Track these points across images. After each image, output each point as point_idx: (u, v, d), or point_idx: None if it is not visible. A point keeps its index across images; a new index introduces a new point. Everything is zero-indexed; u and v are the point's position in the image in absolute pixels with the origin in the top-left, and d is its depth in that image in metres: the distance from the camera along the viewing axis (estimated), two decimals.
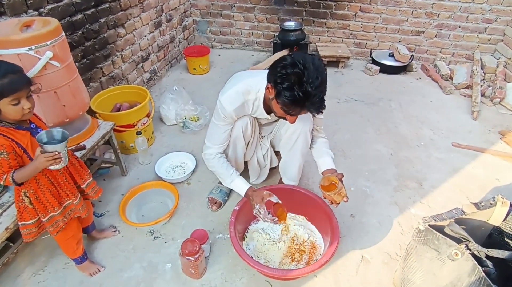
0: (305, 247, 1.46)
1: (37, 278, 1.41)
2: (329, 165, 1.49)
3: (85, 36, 2.00)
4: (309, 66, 1.10)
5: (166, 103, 2.36)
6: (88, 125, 1.66)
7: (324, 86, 1.15)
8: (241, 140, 1.53)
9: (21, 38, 1.25)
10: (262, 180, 1.84)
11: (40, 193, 1.13)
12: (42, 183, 1.13)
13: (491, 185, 1.91)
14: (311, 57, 1.15)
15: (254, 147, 1.67)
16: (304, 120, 1.44)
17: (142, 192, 1.73)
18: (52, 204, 1.16)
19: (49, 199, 1.15)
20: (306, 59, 1.12)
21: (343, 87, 2.90)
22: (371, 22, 3.17)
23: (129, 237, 1.59)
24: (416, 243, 1.17)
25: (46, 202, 1.15)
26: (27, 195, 1.12)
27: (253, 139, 1.61)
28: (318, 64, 1.13)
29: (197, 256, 1.31)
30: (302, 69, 1.10)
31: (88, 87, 2.09)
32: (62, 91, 1.43)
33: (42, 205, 1.14)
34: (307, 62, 1.11)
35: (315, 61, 1.13)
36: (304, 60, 1.12)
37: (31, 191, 1.12)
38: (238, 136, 1.50)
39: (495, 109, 2.61)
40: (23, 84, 1.01)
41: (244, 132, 1.50)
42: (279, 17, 3.30)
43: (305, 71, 1.10)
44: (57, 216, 1.18)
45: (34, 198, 1.13)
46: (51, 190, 1.15)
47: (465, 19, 2.96)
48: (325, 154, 1.53)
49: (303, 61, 1.11)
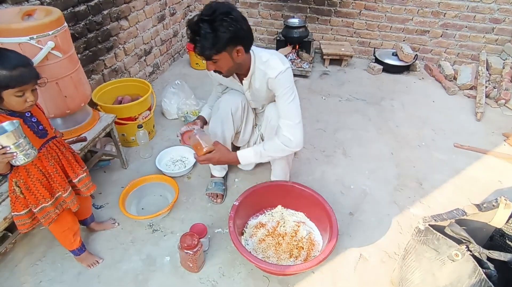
0: (304, 243, 1.46)
1: (35, 268, 1.41)
2: (241, 151, 1.46)
3: (87, 28, 1.99)
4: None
5: (168, 97, 2.35)
6: (89, 117, 1.66)
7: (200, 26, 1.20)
8: (230, 121, 1.56)
9: (23, 27, 1.24)
10: (249, 168, 1.84)
11: (31, 183, 1.12)
12: (32, 173, 1.11)
13: (493, 187, 1.89)
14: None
15: (248, 137, 1.70)
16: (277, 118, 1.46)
17: (142, 185, 1.73)
18: (43, 195, 1.14)
19: (40, 190, 1.13)
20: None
21: (346, 86, 2.89)
22: (375, 21, 3.14)
23: (128, 230, 1.59)
24: (416, 243, 1.17)
25: (37, 193, 1.13)
26: (18, 185, 1.11)
27: (246, 125, 1.64)
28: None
29: (196, 250, 1.31)
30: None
31: (90, 79, 2.09)
32: (64, 82, 1.43)
33: (33, 195, 1.13)
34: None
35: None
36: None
37: (21, 181, 1.11)
38: (227, 116, 1.55)
39: (500, 111, 2.59)
40: (31, 78, 1.01)
41: (233, 114, 1.55)
42: (283, 13, 3.28)
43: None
44: (48, 207, 1.17)
45: (24, 188, 1.12)
46: (42, 181, 1.14)
47: (472, 18, 2.93)
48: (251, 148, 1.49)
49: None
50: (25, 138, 0.99)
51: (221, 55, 1.26)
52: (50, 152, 1.16)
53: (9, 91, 0.97)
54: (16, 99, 1.00)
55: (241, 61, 1.33)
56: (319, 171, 1.97)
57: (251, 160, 1.46)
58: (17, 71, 0.97)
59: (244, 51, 1.30)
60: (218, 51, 1.24)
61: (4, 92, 0.97)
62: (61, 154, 1.20)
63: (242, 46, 1.28)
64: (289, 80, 1.38)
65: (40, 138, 1.12)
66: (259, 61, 1.40)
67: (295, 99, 1.40)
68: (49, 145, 1.16)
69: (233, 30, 1.21)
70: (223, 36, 1.20)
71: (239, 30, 1.23)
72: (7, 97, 0.99)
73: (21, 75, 0.98)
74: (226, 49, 1.25)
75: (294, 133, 1.40)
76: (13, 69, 0.96)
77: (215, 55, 1.25)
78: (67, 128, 1.56)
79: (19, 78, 0.98)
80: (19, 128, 0.97)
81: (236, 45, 1.26)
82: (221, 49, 1.24)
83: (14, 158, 0.99)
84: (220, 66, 1.31)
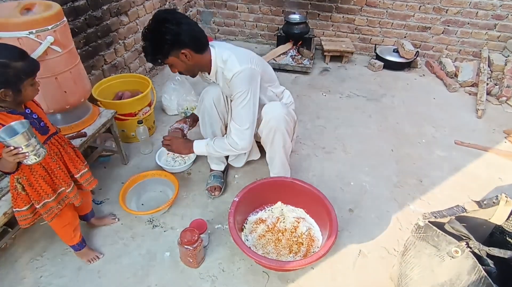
0: (303, 239, 1.46)
1: (35, 263, 1.41)
2: (197, 142, 1.54)
3: (87, 23, 1.98)
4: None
5: (168, 93, 2.35)
6: (89, 112, 1.65)
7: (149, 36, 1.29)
8: (215, 113, 1.59)
9: (22, 21, 1.23)
10: (239, 165, 1.82)
11: (33, 179, 1.12)
12: (35, 169, 1.11)
13: (494, 184, 1.89)
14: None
15: None
16: (278, 118, 1.46)
17: (142, 181, 1.72)
18: (46, 191, 1.14)
19: (43, 186, 1.14)
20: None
21: (346, 82, 2.88)
22: (376, 17, 3.12)
23: (128, 225, 1.59)
24: (415, 239, 1.17)
25: (40, 189, 1.13)
26: (19, 182, 1.11)
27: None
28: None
29: (196, 245, 1.31)
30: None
31: (90, 74, 2.08)
32: (63, 77, 1.42)
33: (36, 191, 1.13)
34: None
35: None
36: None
37: (24, 177, 1.11)
38: (211, 108, 1.57)
39: (501, 108, 2.58)
40: (39, 64, 1.05)
41: (216, 104, 1.57)
42: (284, 9, 3.26)
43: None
44: (51, 203, 1.17)
45: (27, 185, 1.11)
46: (45, 177, 1.14)
47: (474, 15, 2.91)
48: (207, 140, 1.55)
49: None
50: (35, 138, 1.00)
51: (168, 60, 1.33)
52: (52, 148, 1.16)
53: (28, 80, 1.01)
54: (31, 88, 1.04)
55: (195, 62, 1.36)
56: (319, 168, 1.97)
57: (203, 150, 1.53)
58: (28, 60, 1.01)
59: (194, 52, 1.33)
60: (164, 58, 1.31)
61: (24, 83, 1.00)
62: (63, 149, 1.20)
63: (188, 48, 1.30)
64: (244, 83, 1.35)
65: (42, 134, 1.12)
66: (219, 59, 1.40)
67: (248, 103, 1.38)
68: (51, 141, 1.16)
69: (171, 38, 1.25)
70: (161, 44, 1.27)
71: (178, 35, 1.26)
72: (25, 88, 1.01)
73: (33, 63, 1.03)
74: (171, 54, 1.30)
75: (242, 137, 1.43)
76: (25, 58, 1.00)
77: (162, 60, 1.32)
78: (67, 123, 1.55)
79: (33, 66, 1.03)
80: (30, 128, 0.98)
81: (179, 49, 1.30)
82: (165, 55, 1.31)
83: (26, 158, 1.00)
84: (177, 68, 1.37)
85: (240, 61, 1.35)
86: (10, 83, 0.97)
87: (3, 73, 0.95)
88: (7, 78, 0.95)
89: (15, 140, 0.94)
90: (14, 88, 0.98)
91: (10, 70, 0.96)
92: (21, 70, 0.98)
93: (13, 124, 0.97)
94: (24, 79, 0.99)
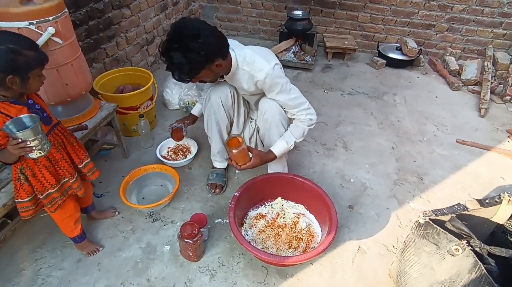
0: (303, 235, 1.47)
1: (35, 255, 1.42)
2: (274, 147, 1.51)
3: (89, 15, 1.96)
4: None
5: (170, 87, 2.34)
6: (90, 105, 1.65)
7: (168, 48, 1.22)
8: (222, 111, 1.57)
9: (22, 11, 1.22)
10: (223, 165, 1.81)
11: (37, 170, 1.12)
12: (40, 159, 1.11)
13: (495, 183, 1.89)
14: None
15: (242, 127, 1.71)
16: (272, 111, 1.47)
17: (143, 174, 1.72)
18: (50, 181, 1.15)
19: (46, 176, 1.14)
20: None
21: (348, 80, 2.86)
22: (380, 14, 3.10)
23: (129, 219, 1.59)
24: (415, 237, 1.17)
25: (43, 179, 1.14)
26: (23, 172, 1.11)
27: (238, 115, 1.66)
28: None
29: (196, 239, 1.31)
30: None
31: (91, 67, 2.07)
32: (65, 69, 1.41)
33: (39, 182, 1.13)
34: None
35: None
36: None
37: (28, 168, 1.11)
38: (218, 107, 1.56)
39: (505, 107, 2.56)
40: (48, 57, 1.05)
41: (224, 103, 1.55)
42: (287, 5, 3.23)
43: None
44: (54, 194, 1.17)
45: (30, 175, 1.11)
46: (48, 167, 1.14)
47: (480, 12, 2.88)
48: (279, 140, 1.52)
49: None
50: (42, 133, 1.00)
51: (200, 74, 1.30)
52: (56, 139, 1.16)
53: (37, 70, 1.01)
54: (38, 79, 1.04)
55: (222, 68, 1.34)
56: (319, 164, 1.96)
57: (285, 148, 1.51)
58: (39, 50, 1.01)
59: (223, 60, 1.31)
60: (197, 73, 1.28)
61: (33, 72, 1.00)
62: (66, 140, 1.20)
63: (219, 58, 1.29)
64: (280, 76, 1.38)
65: (45, 125, 1.12)
66: (242, 61, 1.38)
67: (292, 88, 1.44)
68: (54, 132, 1.16)
69: (205, 53, 1.22)
70: (197, 62, 1.23)
71: (211, 48, 1.24)
72: (32, 77, 1.01)
73: (43, 54, 1.03)
74: (205, 68, 1.28)
75: (311, 112, 1.48)
76: (36, 49, 1.00)
77: (194, 78, 1.30)
78: (68, 116, 1.55)
79: (43, 57, 1.02)
80: (39, 124, 0.98)
81: (213, 62, 1.28)
82: (199, 71, 1.27)
83: (31, 153, 1.00)
84: (203, 80, 1.35)
85: (267, 59, 1.37)
86: (19, 70, 0.96)
87: (14, 59, 0.95)
88: (17, 64, 0.95)
89: (24, 133, 0.95)
90: (23, 76, 0.98)
91: (21, 57, 0.96)
92: (31, 58, 0.98)
93: (22, 117, 0.98)
94: (33, 68, 0.99)
